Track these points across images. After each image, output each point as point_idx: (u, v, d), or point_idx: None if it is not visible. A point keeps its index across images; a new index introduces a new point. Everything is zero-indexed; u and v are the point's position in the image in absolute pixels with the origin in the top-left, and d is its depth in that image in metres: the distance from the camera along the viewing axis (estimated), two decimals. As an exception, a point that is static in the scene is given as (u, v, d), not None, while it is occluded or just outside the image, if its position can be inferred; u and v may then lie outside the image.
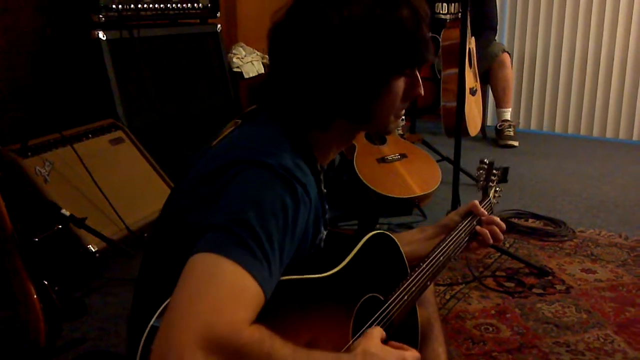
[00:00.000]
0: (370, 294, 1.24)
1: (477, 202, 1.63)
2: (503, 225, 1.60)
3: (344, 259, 1.20)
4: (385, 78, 1.17)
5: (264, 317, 0.94)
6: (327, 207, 1.27)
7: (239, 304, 0.90)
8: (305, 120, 1.18)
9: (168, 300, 0.94)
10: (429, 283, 1.40)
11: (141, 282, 1.22)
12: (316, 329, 1.07)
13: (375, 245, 1.31)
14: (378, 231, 1.33)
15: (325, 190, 1.27)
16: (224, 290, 0.90)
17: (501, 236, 1.59)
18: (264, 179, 1.03)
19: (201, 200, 1.07)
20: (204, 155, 1.18)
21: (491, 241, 1.58)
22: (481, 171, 1.79)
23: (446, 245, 1.49)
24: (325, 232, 1.25)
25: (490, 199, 1.76)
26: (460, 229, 1.55)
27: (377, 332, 1.12)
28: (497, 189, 1.80)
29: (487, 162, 1.79)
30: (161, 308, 0.96)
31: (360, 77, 1.14)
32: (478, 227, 1.58)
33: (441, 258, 1.44)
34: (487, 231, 1.57)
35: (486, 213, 1.62)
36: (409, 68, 1.19)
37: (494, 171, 1.79)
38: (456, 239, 1.53)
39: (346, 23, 1.11)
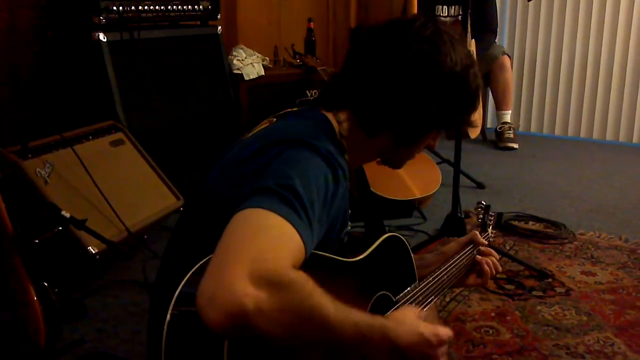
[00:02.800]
0: (383, 292, 1.26)
1: (476, 232, 1.69)
2: (498, 257, 1.68)
3: (362, 253, 1.23)
4: (443, 125, 1.31)
5: None
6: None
7: (286, 249, 0.94)
8: (365, 118, 1.26)
9: (197, 266, 0.97)
10: (432, 298, 1.42)
11: (168, 259, 1.24)
12: None
13: (390, 246, 1.35)
14: (393, 233, 1.37)
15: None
16: (272, 237, 0.93)
17: (499, 268, 1.67)
18: (308, 156, 1.09)
19: (245, 174, 1.11)
20: (237, 145, 1.22)
21: (493, 271, 1.64)
22: (480, 209, 1.88)
23: (450, 265, 1.52)
24: (350, 227, 1.30)
25: (488, 234, 1.84)
26: (462, 255, 1.60)
27: (412, 309, 1.16)
28: (493, 231, 1.89)
29: (484, 204, 1.89)
30: (190, 273, 0.98)
31: (434, 114, 1.25)
32: (478, 257, 1.63)
33: (444, 277, 1.48)
34: (490, 262, 1.63)
35: (486, 243, 1.68)
36: (458, 128, 1.35)
37: (491, 213, 1.88)
38: (458, 264, 1.56)
39: (450, 72, 1.22)
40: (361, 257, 1.21)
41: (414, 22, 1.26)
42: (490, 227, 1.87)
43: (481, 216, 1.87)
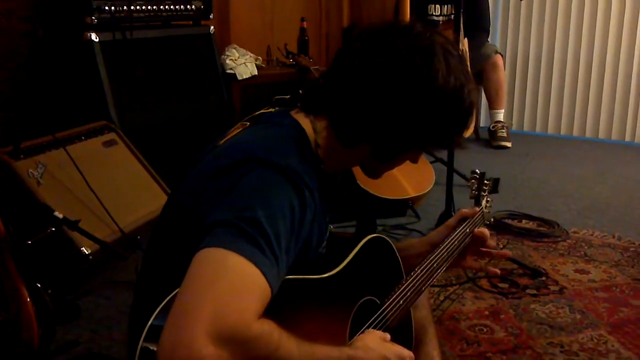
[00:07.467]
0: (367, 297, 1.24)
1: (464, 210, 1.63)
2: (488, 236, 1.60)
3: (342, 262, 1.20)
4: (426, 144, 1.24)
5: (264, 315, 0.94)
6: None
7: (249, 296, 0.91)
8: (341, 127, 1.20)
9: (168, 298, 0.95)
10: (423, 288, 1.40)
11: (143, 279, 1.22)
12: (313, 330, 1.08)
13: (372, 248, 1.31)
14: (375, 235, 1.33)
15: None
16: (234, 283, 0.90)
17: (492, 243, 1.60)
18: (273, 179, 1.04)
19: (209, 196, 1.07)
20: (210, 153, 1.18)
21: (490, 242, 1.58)
22: (473, 181, 1.81)
23: (441, 251, 1.49)
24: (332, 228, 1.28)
25: (482, 208, 1.78)
26: (455, 235, 1.55)
27: (379, 332, 1.15)
28: (489, 199, 1.82)
29: (479, 172, 1.81)
30: (161, 306, 0.96)
31: (417, 133, 1.19)
32: (476, 230, 1.58)
33: (435, 265, 1.44)
34: (484, 234, 1.57)
35: (476, 212, 1.63)
36: (444, 148, 1.24)
37: (485, 181, 1.81)
38: (450, 245, 1.52)
39: (440, 89, 1.15)
40: (338, 269, 1.18)
41: (410, 30, 1.18)
42: (485, 199, 1.78)
43: (475, 187, 1.79)
